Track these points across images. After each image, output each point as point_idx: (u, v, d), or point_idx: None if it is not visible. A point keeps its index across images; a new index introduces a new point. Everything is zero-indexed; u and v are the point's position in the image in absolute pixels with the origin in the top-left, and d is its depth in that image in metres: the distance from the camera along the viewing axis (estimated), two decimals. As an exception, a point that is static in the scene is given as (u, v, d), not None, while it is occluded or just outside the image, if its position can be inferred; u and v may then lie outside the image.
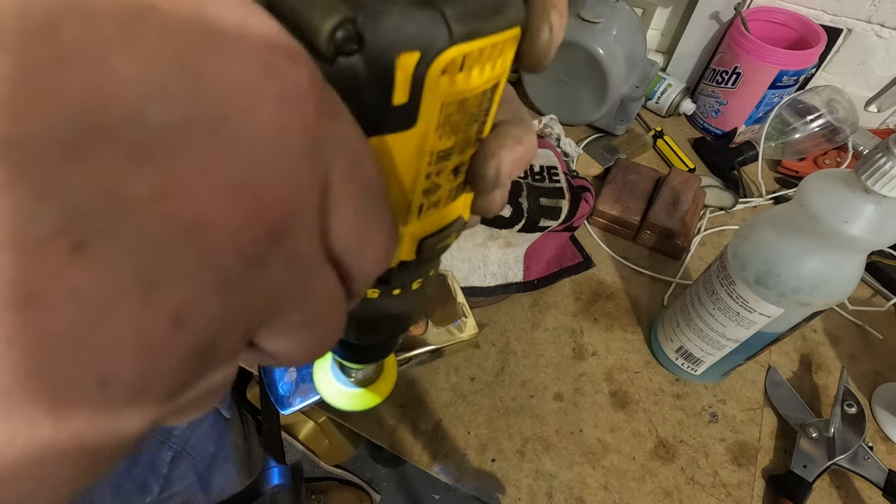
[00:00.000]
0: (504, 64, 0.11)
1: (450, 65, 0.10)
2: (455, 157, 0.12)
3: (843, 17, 0.67)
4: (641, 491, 0.44)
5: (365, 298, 0.16)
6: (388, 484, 1.08)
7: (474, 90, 0.11)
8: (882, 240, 0.31)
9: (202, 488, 0.57)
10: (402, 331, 0.21)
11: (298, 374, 0.41)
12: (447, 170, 0.13)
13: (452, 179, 0.13)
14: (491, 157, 0.13)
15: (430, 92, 0.10)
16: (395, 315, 0.18)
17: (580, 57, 0.64)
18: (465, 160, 0.13)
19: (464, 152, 0.13)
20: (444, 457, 0.45)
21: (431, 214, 0.14)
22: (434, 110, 0.11)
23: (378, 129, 0.10)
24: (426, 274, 0.17)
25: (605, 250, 0.60)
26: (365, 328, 0.19)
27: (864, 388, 0.51)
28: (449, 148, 0.12)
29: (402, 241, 0.14)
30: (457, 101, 0.11)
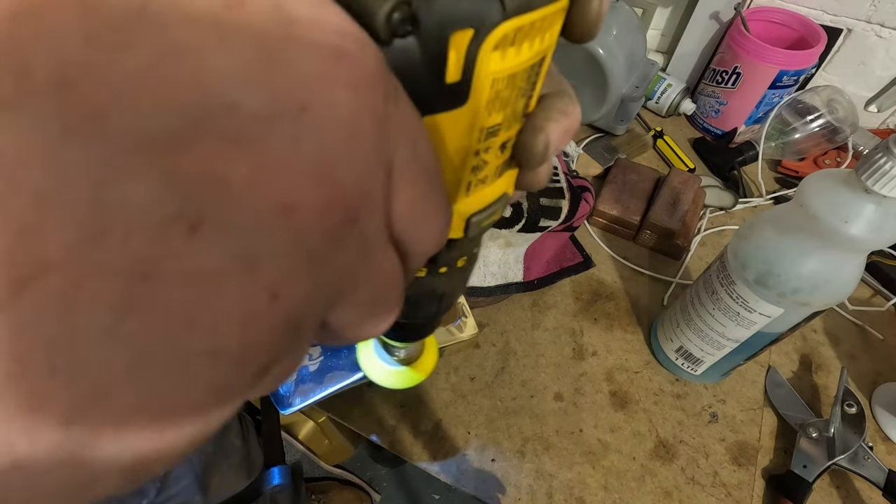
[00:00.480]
0: (552, 36, 0.12)
1: (502, 40, 0.10)
2: (503, 132, 0.13)
3: (843, 17, 0.67)
4: (641, 491, 0.44)
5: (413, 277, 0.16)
6: (388, 484, 1.08)
7: (524, 64, 0.11)
8: (882, 240, 0.31)
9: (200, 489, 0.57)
10: (446, 309, 0.21)
11: (299, 374, 0.41)
12: (495, 146, 0.13)
13: (499, 155, 0.13)
14: (539, 132, 0.13)
15: (482, 69, 0.10)
16: (440, 293, 0.18)
17: (580, 57, 0.64)
18: (512, 135, 0.13)
19: (511, 128, 0.13)
20: (444, 457, 0.45)
21: (479, 191, 0.14)
22: (485, 87, 0.11)
23: (431, 108, 0.11)
24: (471, 252, 0.17)
25: (605, 250, 0.60)
26: (411, 306, 0.19)
27: (864, 388, 0.51)
28: (498, 124, 0.12)
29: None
30: (507, 77, 0.11)
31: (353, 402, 0.47)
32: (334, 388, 0.39)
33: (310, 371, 0.40)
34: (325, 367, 0.40)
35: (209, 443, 0.58)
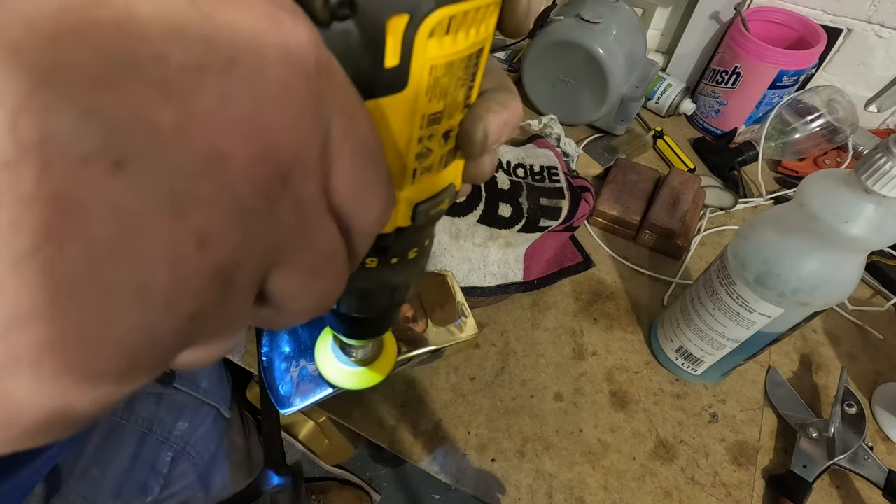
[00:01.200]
0: (487, 29, 0.12)
1: (437, 27, 0.11)
2: (445, 121, 0.13)
3: (843, 17, 0.67)
4: (641, 491, 0.44)
5: (364, 268, 0.17)
6: (388, 484, 1.08)
7: (460, 53, 0.12)
8: (882, 240, 0.31)
9: (202, 488, 0.57)
10: (399, 304, 0.21)
11: (299, 373, 0.40)
12: (438, 134, 0.13)
13: (444, 144, 0.14)
14: (479, 121, 0.14)
15: (420, 54, 0.11)
16: (392, 286, 0.19)
17: (580, 57, 0.64)
18: (455, 125, 0.14)
19: (453, 117, 0.13)
20: (444, 457, 0.45)
21: (425, 180, 0.14)
22: (423, 72, 0.11)
23: (372, 92, 0.11)
24: (422, 243, 0.18)
25: (605, 250, 0.60)
26: (364, 299, 0.19)
27: (864, 388, 0.51)
28: (439, 111, 0.13)
29: (398, 206, 0.14)
30: (444, 64, 0.12)
31: (353, 402, 0.47)
32: (334, 389, 0.39)
33: (310, 371, 0.40)
34: (325, 367, 0.40)
35: (212, 441, 0.58)
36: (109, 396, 0.08)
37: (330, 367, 0.32)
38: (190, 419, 0.55)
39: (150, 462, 0.52)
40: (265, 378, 0.40)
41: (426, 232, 0.18)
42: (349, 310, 0.20)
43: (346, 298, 0.19)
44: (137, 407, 0.51)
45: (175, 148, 0.07)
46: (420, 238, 0.17)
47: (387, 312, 0.22)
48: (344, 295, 0.19)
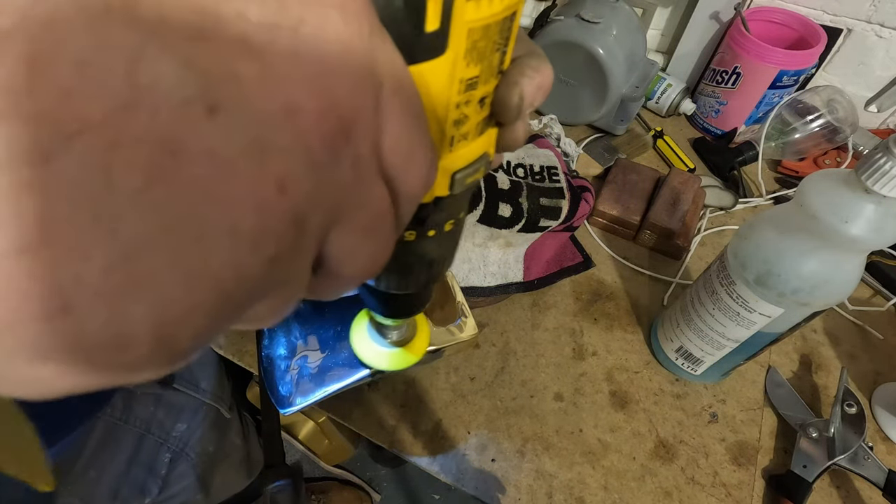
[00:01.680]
0: None
1: None
2: (481, 86, 0.13)
3: (843, 17, 0.67)
4: (641, 491, 0.44)
5: (403, 242, 0.17)
6: (388, 484, 1.08)
7: (496, 16, 0.12)
8: (882, 240, 0.31)
9: (201, 489, 0.57)
10: (436, 279, 0.21)
11: (299, 373, 0.40)
12: (474, 100, 0.14)
13: (479, 111, 0.14)
14: (514, 85, 0.14)
15: (458, 17, 0.11)
16: (430, 258, 0.19)
17: (580, 57, 0.64)
18: (490, 91, 0.14)
19: (488, 82, 0.14)
20: (444, 457, 0.45)
21: (462, 147, 0.15)
22: (462, 36, 0.12)
23: (413, 57, 0.11)
24: (458, 215, 0.18)
25: (605, 250, 0.60)
26: (403, 274, 0.20)
27: (864, 388, 0.51)
28: (475, 76, 0.13)
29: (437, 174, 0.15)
30: (481, 28, 0.12)
31: (353, 402, 0.47)
32: (334, 388, 0.39)
33: (310, 371, 0.40)
34: (325, 366, 0.40)
35: (211, 442, 0.58)
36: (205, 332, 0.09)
37: (366, 349, 0.33)
38: (189, 420, 0.55)
39: (149, 463, 0.52)
40: (265, 378, 0.40)
41: (462, 202, 0.18)
42: (388, 286, 0.20)
43: (386, 274, 0.20)
44: (136, 408, 0.51)
45: (257, 98, 0.08)
46: (457, 209, 0.18)
47: (424, 288, 0.22)
48: (384, 271, 0.19)
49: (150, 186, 0.07)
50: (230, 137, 0.08)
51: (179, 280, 0.08)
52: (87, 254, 0.07)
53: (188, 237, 0.08)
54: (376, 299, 0.23)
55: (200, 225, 0.08)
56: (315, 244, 0.10)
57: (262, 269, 0.09)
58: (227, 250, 0.08)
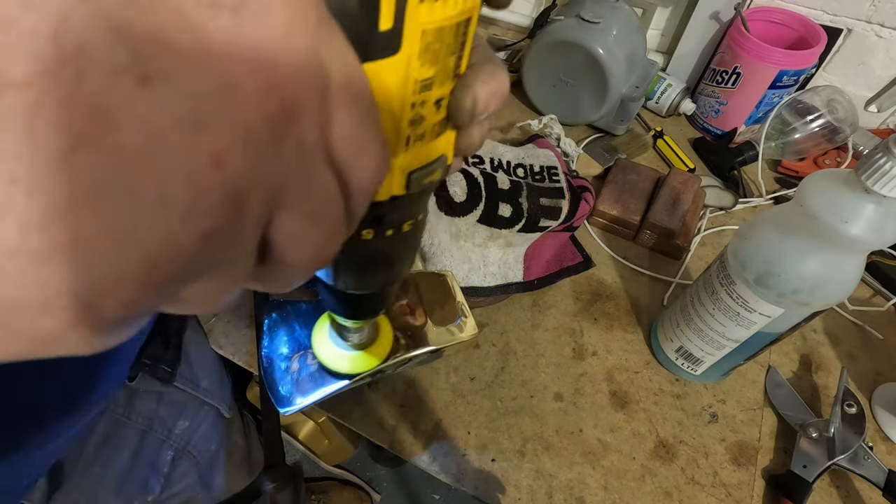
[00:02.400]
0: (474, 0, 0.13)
1: None
2: (436, 88, 0.14)
3: (843, 17, 0.67)
4: (641, 491, 0.44)
5: (360, 240, 0.17)
6: (388, 484, 1.08)
7: (450, 20, 0.12)
8: (882, 240, 0.31)
9: (203, 487, 0.57)
10: (395, 280, 0.22)
11: (299, 373, 0.40)
12: (430, 101, 0.14)
13: (436, 112, 0.14)
14: (468, 89, 0.14)
15: (412, 18, 0.11)
16: (388, 259, 0.19)
17: (580, 57, 0.64)
18: (446, 94, 0.14)
19: (444, 85, 0.14)
20: (444, 457, 0.45)
21: (418, 147, 0.15)
22: (415, 37, 0.12)
23: (367, 54, 0.11)
24: (416, 216, 0.18)
25: (605, 250, 0.60)
26: (361, 274, 0.20)
27: (864, 388, 0.51)
28: (430, 77, 0.13)
29: (392, 173, 0.15)
30: (435, 30, 0.12)
31: (353, 402, 0.47)
32: (335, 388, 0.39)
33: (310, 371, 0.40)
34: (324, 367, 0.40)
35: (213, 441, 0.58)
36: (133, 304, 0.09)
37: (327, 352, 0.33)
38: (190, 418, 0.55)
39: (151, 460, 0.52)
40: (265, 378, 0.40)
41: (420, 204, 0.18)
42: (346, 286, 0.21)
43: (344, 273, 0.20)
44: (138, 405, 0.51)
45: (193, 72, 0.08)
46: (414, 210, 0.18)
47: (383, 289, 0.22)
48: (342, 270, 0.19)
49: (76, 150, 0.07)
50: (163, 108, 0.08)
51: (106, 247, 0.08)
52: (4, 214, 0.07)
53: (116, 204, 0.08)
54: (336, 299, 0.23)
55: (129, 192, 0.08)
56: (256, 225, 0.10)
57: (195, 243, 0.09)
58: (156, 220, 0.08)
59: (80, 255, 0.08)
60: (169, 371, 0.52)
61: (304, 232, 0.11)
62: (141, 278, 0.08)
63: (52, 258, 0.07)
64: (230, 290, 0.11)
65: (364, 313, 0.25)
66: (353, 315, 0.25)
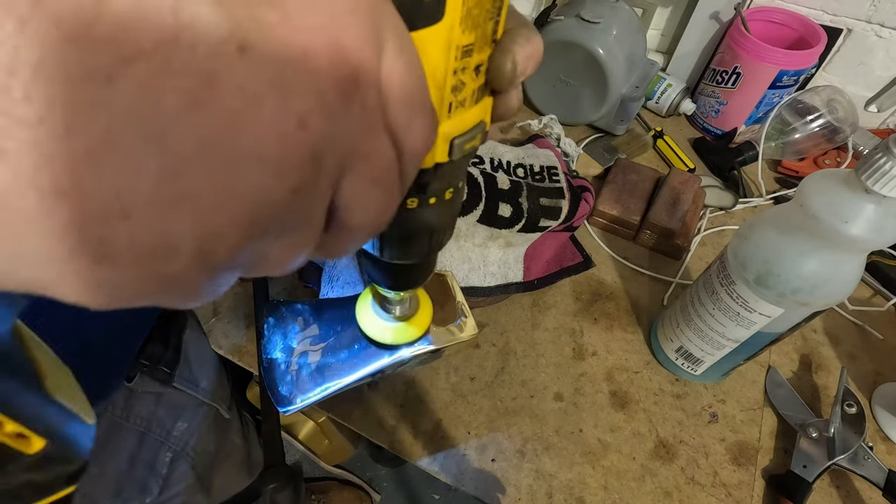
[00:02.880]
0: None
1: None
2: (476, 53, 0.14)
3: (843, 17, 0.67)
4: (641, 491, 0.44)
5: (405, 209, 0.18)
6: (388, 484, 1.08)
7: None
8: (882, 240, 0.31)
9: (202, 489, 0.57)
10: (437, 248, 0.22)
11: (299, 373, 0.40)
12: (470, 67, 0.14)
13: (475, 78, 0.15)
14: (507, 52, 0.15)
15: None
16: (431, 227, 0.20)
17: (580, 57, 0.64)
18: (485, 60, 0.15)
19: (482, 50, 0.14)
20: (444, 457, 0.45)
21: (459, 114, 0.15)
22: (458, 3, 0.12)
23: (413, 23, 0.12)
24: (456, 184, 0.19)
25: (605, 250, 0.60)
26: (406, 243, 0.21)
27: (864, 388, 0.51)
28: (471, 43, 0.14)
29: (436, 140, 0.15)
30: None
31: (353, 402, 0.47)
32: (335, 388, 0.39)
33: (310, 370, 0.40)
34: (324, 366, 0.40)
35: (211, 442, 0.58)
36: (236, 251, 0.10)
37: (371, 323, 0.34)
38: (189, 419, 0.55)
39: (150, 462, 0.52)
40: (265, 378, 0.40)
41: (461, 171, 0.19)
42: (391, 256, 0.21)
43: (389, 244, 0.21)
44: (136, 406, 0.51)
45: (279, 42, 0.09)
46: (455, 177, 0.18)
47: (426, 258, 0.23)
48: (387, 240, 0.20)
49: (192, 111, 0.08)
50: (257, 74, 0.09)
51: (217, 197, 0.09)
52: (143, 166, 0.08)
53: (224, 159, 0.09)
54: (380, 270, 0.24)
55: (234, 149, 0.09)
56: (329, 186, 0.11)
57: (286, 197, 0.10)
58: (254, 175, 0.09)
59: (198, 205, 0.09)
60: (168, 372, 0.52)
61: (367, 195, 0.12)
62: (244, 227, 0.10)
63: (178, 207, 0.09)
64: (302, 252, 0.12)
65: (408, 283, 0.26)
66: (397, 285, 0.26)
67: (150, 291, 0.10)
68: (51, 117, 0.07)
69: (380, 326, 0.33)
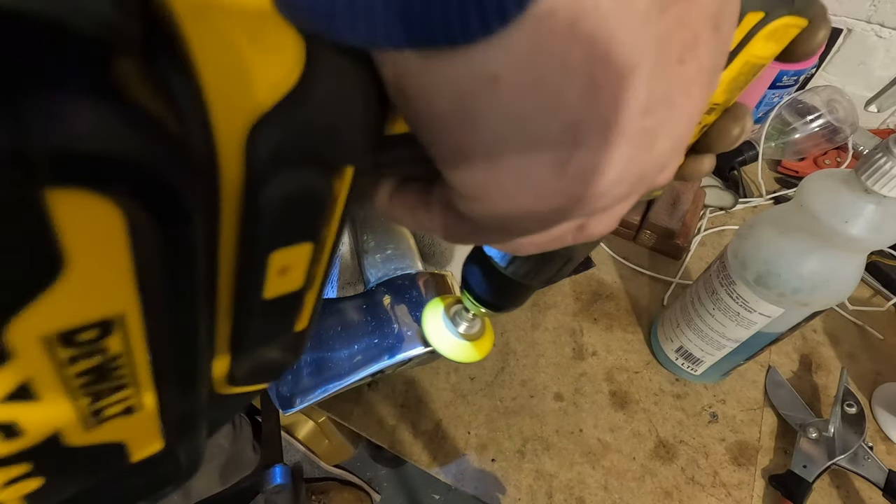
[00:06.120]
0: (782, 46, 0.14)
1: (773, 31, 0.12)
2: (713, 114, 0.15)
3: (843, 17, 0.67)
4: (641, 491, 0.44)
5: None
6: (388, 484, 1.08)
7: (763, 60, 0.13)
8: (882, 240, 0.31)
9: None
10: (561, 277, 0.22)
11: (299, 373, 0.40)
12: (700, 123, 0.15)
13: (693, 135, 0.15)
14: (739, 119, 0.16)
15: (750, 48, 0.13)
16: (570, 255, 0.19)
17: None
18: (708, 122, 0.15)
19: (712, 113, 0.15)
20: (444, 457, 0.45)
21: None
22: (738, 64, 0.13)
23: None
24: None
25: (605, 250, 0.60)
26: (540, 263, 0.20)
27: (864, 388, 0.51)
28: (718, 104, 0.14)
29: None
30: (752, 65, 0.13)
31: (353, 402, 0.47)
32: (335, 388, 0.39)
33: (310, 370, 0.40)
34: (324, 366, 0.40)
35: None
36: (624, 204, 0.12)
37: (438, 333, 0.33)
38: None
39: None
40: (265, 378, 0.40)
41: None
42: (517, 272, 0.21)
43: (524, 259, 0.20)
44: None
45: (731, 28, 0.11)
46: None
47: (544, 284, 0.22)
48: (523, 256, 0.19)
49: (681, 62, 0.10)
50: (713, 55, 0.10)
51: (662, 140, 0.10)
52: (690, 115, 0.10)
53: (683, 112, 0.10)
54: (491, 283, 0.23)
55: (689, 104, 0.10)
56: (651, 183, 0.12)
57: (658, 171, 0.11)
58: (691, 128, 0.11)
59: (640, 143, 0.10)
60: None
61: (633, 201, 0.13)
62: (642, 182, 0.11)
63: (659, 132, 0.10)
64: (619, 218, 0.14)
65: (505, 304, 0.25)
66: (492, 301, 0.25)
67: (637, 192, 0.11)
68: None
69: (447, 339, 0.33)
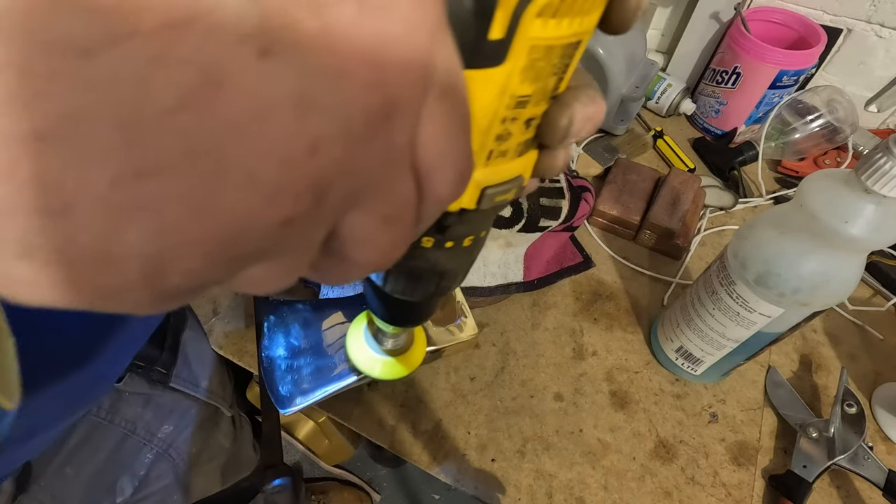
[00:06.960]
0: (590, 23, 0.12)
1: (546, 7, 0.11)
2: (531, 107, 0.13)
3: (843, 17, 0.67)
4: (641, 491, 0.44)
5: (420, 247, 0.17)
6: (388, 484, 1.08)
7: (561, 40, 0.12)
8: (882, 240, 0.31)
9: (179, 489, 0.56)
10: (443, 293, 0.21)
11: (299, 373, 0.41)
12: (521, 119, 0.13)
13: (524, 131, 0.14)
14: (566, 107, 0.14)
15: (524, 32, 0.11)
16: (441, 270, 0.19)
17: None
18: (538, 115, 0.14)
19: (538, 104, 0.13)
20: (444, 457, 0.45)
21: (498, 164, 0.14)
22: (523, 51, 0.11)
23: (470, 62, 0.11)
24: (479, 233, 0.18)
25: (605, 250, 0.60)
26: (412, 281, 0.19)
27: (864, 388, 0.51)
28: (527, 95, 0.13)
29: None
30: (544, 47, 0.12)
31: (353, 402, 0.47)
32: (334, 388, 0.39)
33: (310, 371, 0.40)
34: (324, 367, 0.40)
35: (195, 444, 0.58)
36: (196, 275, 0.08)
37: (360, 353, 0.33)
38: (176, 422, 0.54)
39: (128, 463, 0.51)
40: (265, 378, 0.40)
41: (486, 221, 0.18)
42: (394, 289, 0.20)
43: (395, 277, 0.19)
44: (123, 408, 0.50)
45: (311, 54, 0.08)
46: (479, 226, 0.17)
47: (429, 300, 0.22)
48: (393, 274, 0.19)
49: (183, 110, 0.07)
50: (274, 85, 0.08)
51: (184, 212, 0.08)
52: (102, 160, 0.07)
53: (205, 171, 0.07)
54: (380, 301, 0.22)
55: (221, 163, 0.08)
56: (331, 219, 0.10)
57: (271, 226, 0.09)
58: (239, 196, 0.08)
59: (160, 216, 0.07)
60: (164, 373, 0.52)
61: (375, 233, 0.11)
62: (211, 251, 0.08)
63: (133, 215, 0.07)
64: (288, 278, 0.11)
65: (405, 320, 0.25)
66: (393, 320, 0.25)
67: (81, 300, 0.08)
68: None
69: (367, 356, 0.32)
